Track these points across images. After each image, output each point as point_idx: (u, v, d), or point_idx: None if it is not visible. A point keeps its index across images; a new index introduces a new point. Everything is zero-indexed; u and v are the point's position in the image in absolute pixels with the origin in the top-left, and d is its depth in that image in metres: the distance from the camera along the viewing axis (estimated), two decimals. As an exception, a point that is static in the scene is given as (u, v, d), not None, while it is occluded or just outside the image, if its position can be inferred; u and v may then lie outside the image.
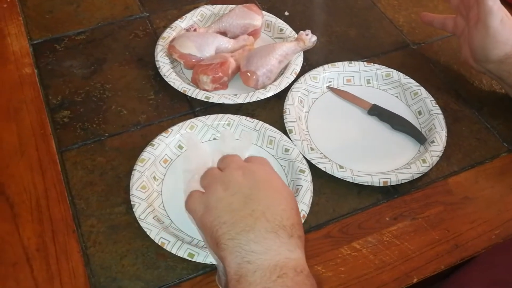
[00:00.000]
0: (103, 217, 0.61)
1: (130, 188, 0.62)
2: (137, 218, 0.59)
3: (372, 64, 0.79)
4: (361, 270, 0.59)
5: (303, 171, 0.64)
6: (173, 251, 0.57)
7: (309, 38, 0.76)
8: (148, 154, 0.65)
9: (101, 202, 0.63)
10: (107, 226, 0.61)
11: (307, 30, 0.77)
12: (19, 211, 0.61)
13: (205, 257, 0.56)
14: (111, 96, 0.75)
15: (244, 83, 0.74)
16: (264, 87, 0.73)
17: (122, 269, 0.57)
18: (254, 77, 0.72)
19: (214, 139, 0.69)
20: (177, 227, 0.60)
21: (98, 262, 0.58)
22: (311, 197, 0.62)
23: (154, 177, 0.64)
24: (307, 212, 0.61)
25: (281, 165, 0.67)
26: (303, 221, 0.60)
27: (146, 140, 0.69)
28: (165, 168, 0.66)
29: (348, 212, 0.64)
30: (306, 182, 0.63)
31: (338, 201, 0.64)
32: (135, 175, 0.63)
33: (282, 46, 0.75)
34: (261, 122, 0.69)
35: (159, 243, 0.57)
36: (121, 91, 0.75)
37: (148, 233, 0.58)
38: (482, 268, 0.58)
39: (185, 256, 0.56)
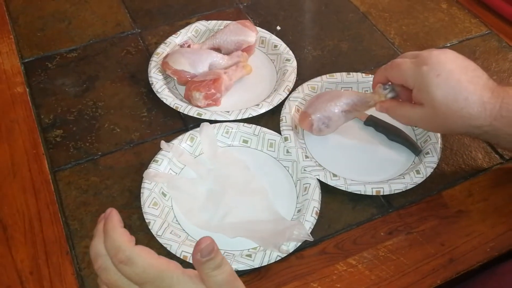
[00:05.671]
0: (97, 238, 0.61)
1: (142, 206, 0.62)
2: (155, 235, 0.59)
3: (370, 75, 0.78)
4: (357, 286, 0.58)
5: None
6: None
7: (386, 93, 0.66)
8: (154, 170, 0.65)
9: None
10: (101, 247, 0.60)
11: (387, 84, 0.66)
12: (12, 233, 0.61)
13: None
14: (103, 114, 0.74)
15: (298, 122, 0.71)
16: (320, 133, 0.69)
17: (117, 291, 0.57)
18: (308, 119, 0.68)
19: None
20: (194, 239, 0.60)
21: (93, 285, 0.57)
22: (320, 194, 0.64)
23: (163, 193, 0.64)
24: (319, 209, 0.62)
25: (284, 166, 0.68)
26: (316, 218, 0.61)
27: (139, 158, 0.69)
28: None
29: (343, 227, 0.64)
30: (313, 180, 0.64)
31: (333, 217, 0.64)
32: (145, 192, 0.63)
33: (351, 95, 0.68)
34: (259, 127, 0.70)
35: (181, 257, 0.57)
36: (113, 109, 0.75)
37: (168, 248, 0.58)
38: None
39: None
